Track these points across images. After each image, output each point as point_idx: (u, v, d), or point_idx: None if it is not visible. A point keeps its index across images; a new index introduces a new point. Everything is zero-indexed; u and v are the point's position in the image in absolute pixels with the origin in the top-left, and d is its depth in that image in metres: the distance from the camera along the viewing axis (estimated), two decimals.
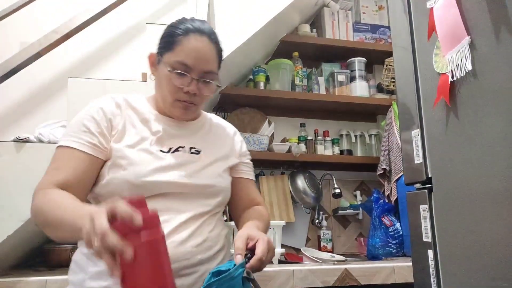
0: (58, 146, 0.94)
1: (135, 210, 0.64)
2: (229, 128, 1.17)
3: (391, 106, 2.10)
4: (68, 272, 0.94)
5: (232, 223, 1.59)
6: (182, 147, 1.00)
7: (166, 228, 0.88)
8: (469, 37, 0.70)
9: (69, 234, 0.78)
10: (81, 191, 0.91)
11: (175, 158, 0.97)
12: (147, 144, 0.96)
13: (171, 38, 0.98)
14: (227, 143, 1.11)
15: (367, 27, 2.37)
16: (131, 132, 0.97)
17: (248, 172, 1.15)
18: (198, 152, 1.02)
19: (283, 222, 1.66)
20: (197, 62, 0.96)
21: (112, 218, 0.64)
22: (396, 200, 1.95)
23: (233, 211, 1.14)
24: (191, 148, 1.01)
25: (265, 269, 1.38)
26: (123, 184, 0.90)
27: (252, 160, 1.19)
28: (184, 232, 0.91)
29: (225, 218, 1.90)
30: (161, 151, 0.96)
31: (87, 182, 0.92)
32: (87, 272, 0.88)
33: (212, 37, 1.00)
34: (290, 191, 2.09)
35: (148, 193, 0.91)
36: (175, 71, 0.95)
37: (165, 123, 1.02)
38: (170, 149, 0.98)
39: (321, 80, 2.27)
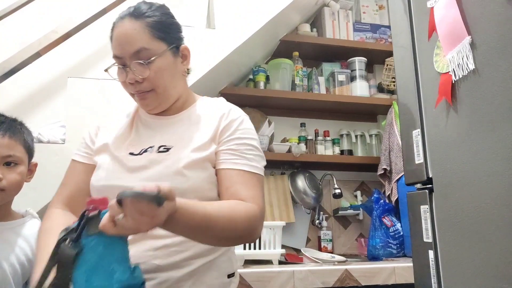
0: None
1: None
2: (219, 110, 0.97)
3: (392, 106, 2.10)
4: None
5: None
6: (152, 147, 0.93)
7: None
8: (469, 36, 0.70)
9: None
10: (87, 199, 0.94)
11: (140, 160, 0.91)
12: (119, 147, 0.95)
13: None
14: (208, 131, 0.93)
15: (368, 27, 2.36)
16: (108, 137, 0.98)
17: (229, 161, 0.90)
18: (167, 150, 0.91)
19: (283, 223, 1.65)
20: (121, 49, 0.89)
21: None
22: (397, 200, 1.94)
23: None
24: (160, 147, 0.92)
25: (265, 269, 1.39)
26: (91, 188, 0.94)
27: None
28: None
29: None
30: (131, 153, 0.93)
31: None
32: None
33: (134, 13, 0.91)
34: (290, 191, 2.09)
35: (111, 197, 0.86)
36: (114, 65, 0.93)
37: (147, 121, 0.99)
38: (141, 150, 0.93)
39: (321, 80, 2.27)
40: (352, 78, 2.26)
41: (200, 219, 0.72)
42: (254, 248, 1.57)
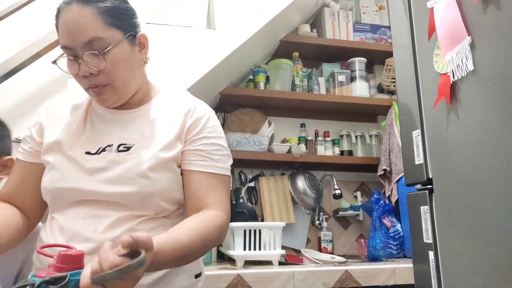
0: None
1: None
2: (184, 106, 0.91)
3: (392, 107, 2.10)
4: None
5: (232, 224, 1.59)
6: (110, 145, 0.86)
7: (87, 234, 0.80)
8: (469, 37, 0.70)
9: None
10: (25, 198, 0.91)
11: (98, 160, 0.84)
12: (73, 145, 0.87)
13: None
14: (173, 128, 0.88)
15: (368, 27, 2.36)
16: (58, 133, 0.90)
17: (196, 162, 0.87)
18: (127, 149, 0.85)
19: (283, 223, 1.65)
20: (71, 39, 0.81)
21: None
22: (397, 201, 1.94)
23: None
24: (120, 145, 0.86)
25: (265, 270, 1.39)
26: (43, 190, 0.87)
27: (252, 160, 0.99)
28: (102, 237, 0.78)
29: None
30: (87, 153, 0.85)
31: (29, 188, 0.91)
32: None
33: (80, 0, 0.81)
34: (290, 192, 2.09)
35: (67, 200, 0.84)
36: (64, 57, 0.84)
37: (103, 115, 0.91)
38: (99, 149, 0.86)
39: (321, 80, 2.27)
40: (352, 79, 2.26)
41: (177, 253, 0.72)
42: (254, 249, 1.57)
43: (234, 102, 2.12)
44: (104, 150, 0.86)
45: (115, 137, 0.87)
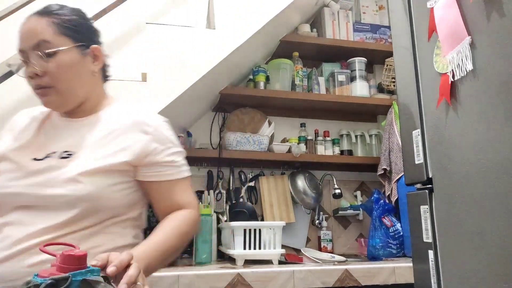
0: None
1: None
2: (132, 118, 0.93)
3: (392, 106, 2.10)
4: None
5: (232, 223, 1.59)
6: (54, 152, 0.88)
7: (5, 243, 0.80)
8: (469, 37, 0.70)
9: None
10: None
11: (40, 165, 0.86)
12: (23, 152, 0.90)
13: None
14: (119, 139, 0.90)
15: (368, 27, 2.36)
16: (12, 141, 0.93)
17: (167, 173, 0.93)
18: (69, 156, 0.87)
19: (283, 223, 1.65)
20: (23, 42, 0.88)
21: None
22: (397, 200, 1.95)
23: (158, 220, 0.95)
24: (63, 152, 0.88)
25: (265, 269, 1.39)
26: None
27: (252, 160, 1.01)
28: (17, 247, 0.78)
29: (225, 218, 1.89)
30: (34, 159, 0.88)
31: None
32: None
33: (41, 11, 0.89)
34: (290, 192, 2.09)
35: (7, 205, 0.84)
36: (20, 60, 0.89)
37: (56, 123, 0.95)
38: (45, 155, 0.88)
39: (321, 80, 2.27)
40: (352, 78, 2.26)
41: (161, 252, 0.82)
42: (254, 248, 1.57)
43: (234, 102, 2.12)
44: (48, 156, 0.88)
45: (61, 144, 0.90)
